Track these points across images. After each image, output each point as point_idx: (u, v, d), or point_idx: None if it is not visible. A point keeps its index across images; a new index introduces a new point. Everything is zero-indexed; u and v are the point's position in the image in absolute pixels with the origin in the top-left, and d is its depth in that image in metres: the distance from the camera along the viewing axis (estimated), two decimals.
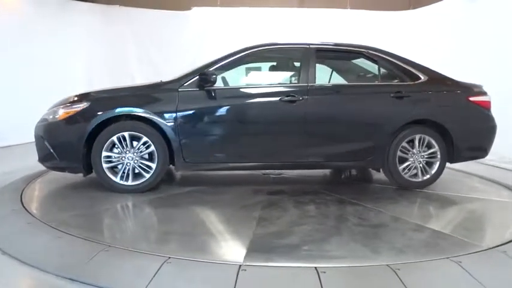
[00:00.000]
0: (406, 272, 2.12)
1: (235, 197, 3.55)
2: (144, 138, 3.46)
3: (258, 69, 4.41)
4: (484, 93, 3.93)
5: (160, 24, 8.31)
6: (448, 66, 4.36)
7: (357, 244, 2.50)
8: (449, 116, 3.81)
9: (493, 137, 3.95)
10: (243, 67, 4.11)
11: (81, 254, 2.30)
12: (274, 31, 7.54)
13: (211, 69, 3.62)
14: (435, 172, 3.84)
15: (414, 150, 3.80)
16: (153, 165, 3.49)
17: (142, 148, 3.49)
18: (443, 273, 2.21)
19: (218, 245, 2.55)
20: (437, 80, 3.92)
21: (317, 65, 3.83)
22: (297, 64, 3.96)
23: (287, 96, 3.62)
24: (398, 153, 3.77)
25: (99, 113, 3.43)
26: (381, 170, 4.03)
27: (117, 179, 3.48)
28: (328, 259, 2.27)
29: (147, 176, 3.50)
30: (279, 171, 4.48)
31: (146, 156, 3.51)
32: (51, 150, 3.46)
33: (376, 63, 3.93)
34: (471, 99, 3.85)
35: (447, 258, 2.30)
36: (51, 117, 3.53)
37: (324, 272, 2.09)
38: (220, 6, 8.45)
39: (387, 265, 2.19)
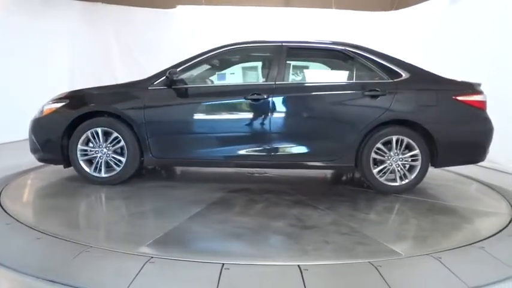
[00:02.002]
0: (387, 268, 2.16)
1: (193, 193, 3.59)
2: (115, 134, 3.66)
3: (231, 68, 4.35)
4: (477, 92, 3.62)
5: (144, 22, 8.21)
6: (430, 65, 4.34)
7: (265, 243, 2.51)
8: (431, 116, 3.57)
9: (488, 140, 3.63)
10: (217, 66, 4.14)
11: (61, 255, 2.27)
12: (260, 30, 7.54)
13: (178, 69, 3.69)
14: (415, 177, 3.62)
15: (391, 153, 3.60)
16: (123, 160, 3.67)
17: (115, 143, 3.68)
18: (424, 269, 2.26)
19: (127, 235, 2.67)
20: (420, 77, 3.70)
21: (290, 63, 3.82)
22: (268, 63, 3.87)
23: (252, 95, 3.59)
24: (373, 154, 3.61)
25: (74, 110, 3.69)
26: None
27: (91, 171, 3.70)
28: (229, 256, 2.31)
29: (118, 169, 3.69)
30: (264, 170, 4.48)
31: (119, 150, 3.70)
32: (37, 144, 3.76)
33: (353, 61, 3.79)
34: (459, 98, 3.56)
35: (427, 254, 2.35)
36: (38, 113, 3.84)
37: (307, 270, 2.11)
38: (205, 5, 8.40)
39: (369, 262, 2.22)
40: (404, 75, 3.67)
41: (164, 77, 3.66)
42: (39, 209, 3.17)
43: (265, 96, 3.59)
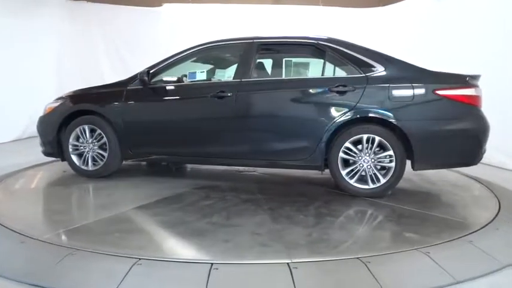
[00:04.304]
0: (376, 264, 2.16)
1: (158, 188, 3.66)
2: (98, 131, 3.88)
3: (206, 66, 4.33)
4: (466, 86, 3.26)
5: (130, 21, 8.12)
6: (420, 60, 4.28)
7: (167, 236, 2.59)
8: (405, 113, 3.26)
9: (480, 140, 3.26)
10: (193, 64, 4.13)
11: (46, 258, 2.23)
12: (247, 28, 7.49)
13: (153, 70, 3.83)
14: (388, 180, 3.31)
15: (362, 153, 3.34)
16: (106, 155, 3.88)
17: (99, 139, 3.91)
18: (413, 264, 2.26)
19: (49, 221, 2.92)
20: (397, 71, 3.39)
21: (259, 59, 3.77)
22: (239, 60, 3.80)
23: (218, 92, 3.57)
24: (342, 154, 3.37)
25: (65, 110, 3.98)
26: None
27: (80, 164, 3.97)
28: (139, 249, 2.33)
29: (101, 163, 3.92)
30: (253, 168, 4.41)
31: (105, 146, 3.89)
32: (40, 139, 4.13)
33: (325, 54, 3.57)
34: (441, 92, 3.22)
35: (416, 249, 2.35)
36: (42, 112, 4.16)
37: (296, 268, 2.10)
38: (192, 3, 8.34)
39: (357, 258, 2.22)
40: (379, 68, 3.40)
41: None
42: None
43: (229, 94, 3.54)
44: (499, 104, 4.65)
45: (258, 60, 3.79)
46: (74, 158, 3.97)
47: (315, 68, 4.10)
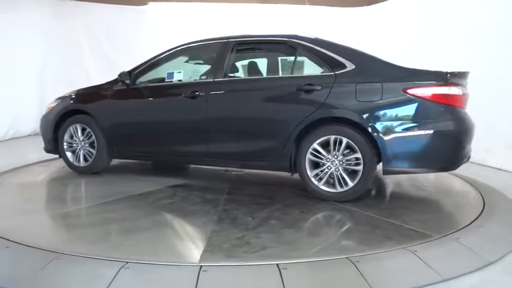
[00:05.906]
0: (364, 263, 2.17)
1: (136, 185, 3.74)
2: (88, 129, 4.06)
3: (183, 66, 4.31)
4: (441, 84, 3.01)
5: (116, 20, 8.02)
6: (401, 59, 4.32)
7: (95, 233, 2.62)
8: (372, 113, 3.06)
9: (457, 144, 3.06)
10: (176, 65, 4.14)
11: (31, 264, 2.18)
12: (233, 27, 7.46)
13: (135, 71, 3.94)
14: (356, 184, 3.11)
15: (329, 155, 3.18)
16: (94, 152, 4.05)
17: (89, 137, 4.08)
18: (400, 262, 2.28)
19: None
20: (367, 68, 3.23)
21: (232, 59, 3.76)
22: (215, 59, 3.81)
23: (192, 92, 3.60)
24: (309, 156, 3.24)
25: (60, 109, 4.20)
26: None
27: (73, 161, 4.18)
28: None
29: (91, 160, 4.11)
30: (241, 169, 4.37)
31: (95, 144, 4.05)
32: (42, 137, 4.37)
33: (296, 52, 3.47)
34: (411, 91, 3.00)
35: (403, 248, 2.37)
36: (44, 111, 4.41)
37: (285, 269, 2.10)
38: (178, 1, 8.28)
39: (346, 258, 2.23)
40: (349, 66, 3.22)
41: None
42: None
43: (201, 94, 3.56)
44: (479, 100, 4.72)
45: (232, 60, 3.79)
46: (68, 154, 4.18)
47: (286, 67, 4.07)
